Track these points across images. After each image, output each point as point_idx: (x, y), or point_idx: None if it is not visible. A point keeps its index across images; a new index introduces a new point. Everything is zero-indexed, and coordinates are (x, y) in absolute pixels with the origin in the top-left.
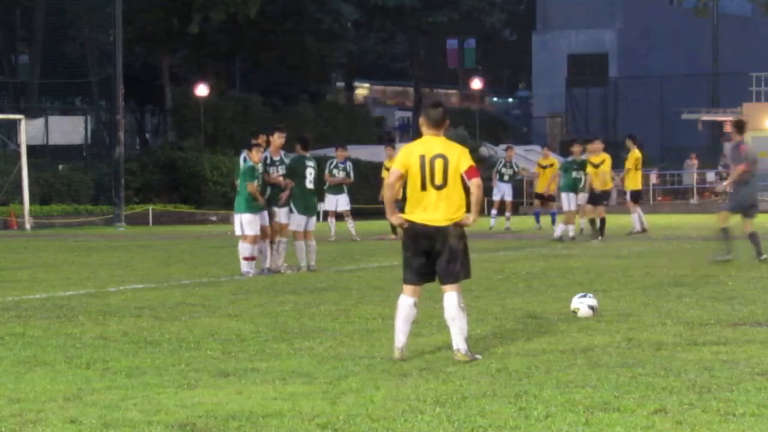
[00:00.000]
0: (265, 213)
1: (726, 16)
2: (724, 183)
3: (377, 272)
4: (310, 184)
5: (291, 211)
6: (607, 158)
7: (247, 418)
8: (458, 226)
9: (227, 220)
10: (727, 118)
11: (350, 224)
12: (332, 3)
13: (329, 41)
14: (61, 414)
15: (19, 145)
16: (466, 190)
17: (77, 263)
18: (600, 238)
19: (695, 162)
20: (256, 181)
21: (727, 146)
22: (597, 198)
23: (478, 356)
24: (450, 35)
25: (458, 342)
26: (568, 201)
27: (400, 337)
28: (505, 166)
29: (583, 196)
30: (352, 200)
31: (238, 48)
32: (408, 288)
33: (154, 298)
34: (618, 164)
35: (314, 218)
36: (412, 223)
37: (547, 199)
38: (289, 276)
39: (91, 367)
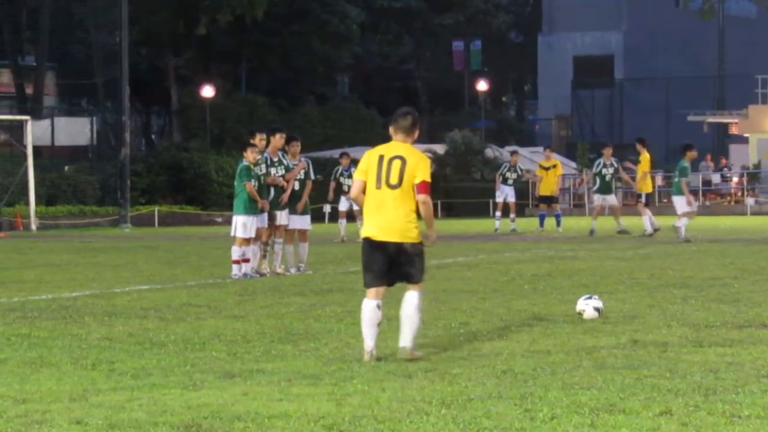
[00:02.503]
0: (264, 215)
1: (732, 18)
2: None
3: None
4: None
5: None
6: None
7: (252, 419)
8: (416, 244)
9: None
10: (732, 120)
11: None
12: (338, 5)
13: (335, 43)
14: (67, 415)
15: (25, 146)
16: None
17: (83, 264)
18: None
19: (711, 164)
20: (253, 181)
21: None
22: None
23: (419, 353)
24: (456, 37)
25: (406, 340)
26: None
27: (368, 341)
28: (509, 170)
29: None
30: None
31: (244, 49)
32: (370, 291)
33: (160, 300)
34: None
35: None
36: (368, 239)
37: (551, 201)
38: (294, 277)
39: (97, 368)
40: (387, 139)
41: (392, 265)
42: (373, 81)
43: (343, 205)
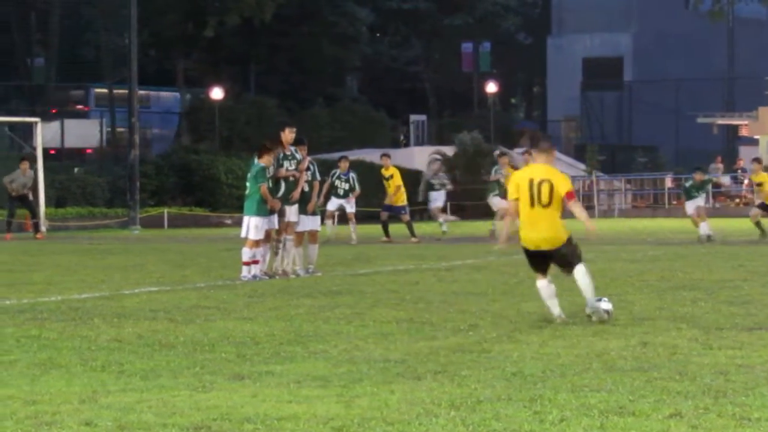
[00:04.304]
0: (274, 217)
1: (741, 19)
2: None
3: (392, 275)
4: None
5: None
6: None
7: (261, 421)
8: (566, 242)
9: (241, 223)
10: (742, 122)
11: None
12: (347, 6)
13: (344, 45)
14: (77, 416)
15: (34, 148)
16: None
17: (92, 266)
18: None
19: (721, 165)
20: (267, 182)
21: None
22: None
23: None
24: (465, 39)
25: (591, 301)
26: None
27: (555, 310)
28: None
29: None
30: (366, 203)
31: (253, 51)
32: (539, 275)
33: (169, 301)
34: (632, 168)
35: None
36: (527, 250)
37: None
38: (303, 279)
39: (106, 370)
40: (394, 141)
41: (551, 260)
42: (381, 83)
43: (331, 206)
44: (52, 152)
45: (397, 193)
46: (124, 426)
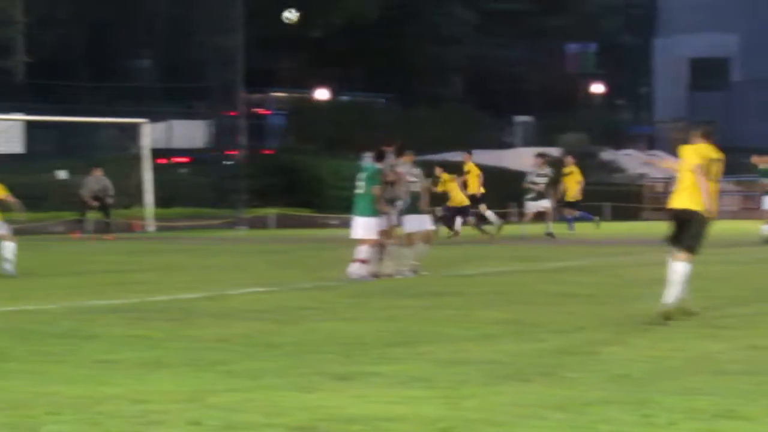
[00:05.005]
0: (384, 218)
1: None
2: None
3: (497, 277)
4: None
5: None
6: None
7: (367, 422)
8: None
9: (347, 224)
10: None
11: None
12: (451, 7)
13: (448, 45)
14: (184, 416)
15: (141, 149)
16: None
17: (199, 266)
18: None
19: None
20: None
21: None
22: None
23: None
24: (568, 40)
25: (667, 297)
26: None
27: (674, 295)
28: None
29: None
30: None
31: (358, 52)
32: (674, 253)
33: (275, 302)
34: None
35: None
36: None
37: (567, 206)
38: (409, 280)
39: (213, 370)
40: (501, 141)
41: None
42: (486, 83)
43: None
44: (184, 159)
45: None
46: (231, 426)
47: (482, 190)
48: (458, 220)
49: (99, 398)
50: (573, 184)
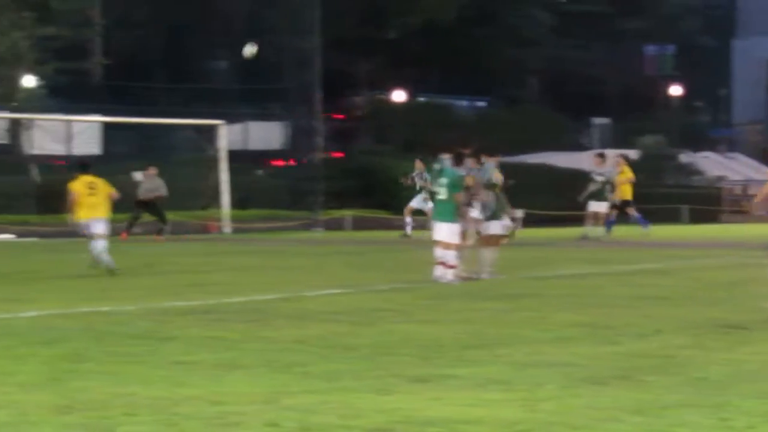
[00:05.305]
0: (465, 223)
1: None
2: None
3: (573, 280)
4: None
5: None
6: None
7: (444, 425)
8: None
9: (423, 227)
10: None
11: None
12: (528, 9)
13: (525, 47)
14: (260, 417)
15: (218, 151)
16: None
17: (275, 268)
18: None
19: None
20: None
21: None
22: None
23: None
24: (646, 41)
25: None
26: None
27: None
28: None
29: None
30: (547, 206)
31: (435, 53)
32: None
33: (351, 303)
34: None
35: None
36: None
37: (626, 205)
38: (486, 282)
39: (289, 371)
40: (578, 143)
41: None
42: (563, 85)
43: (416, 203)
44: (280, 162)
45: None
46: (307, 427)
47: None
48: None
49: (176, 399)
50: (626, 185)
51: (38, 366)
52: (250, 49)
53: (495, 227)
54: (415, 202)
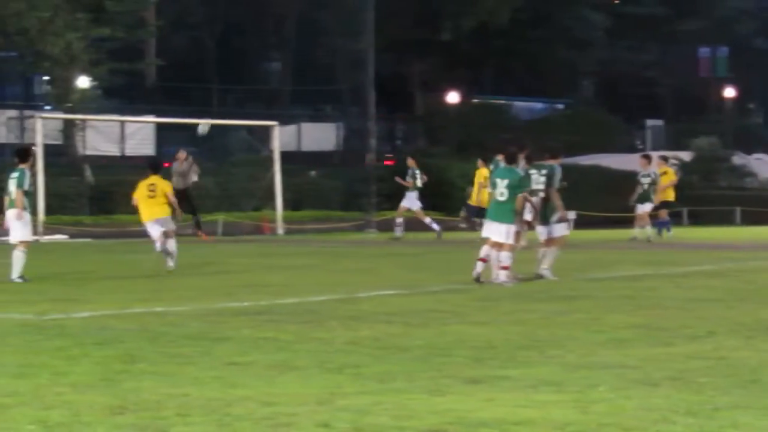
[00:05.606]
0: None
1: None
2: None
3: (627, 281)
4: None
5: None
6: None
7: (497, 426)
8: None
9: (475, 228)
10: None
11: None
12: (582, 11)
13: (579, 49)
14: (313, 418)
15: (271, 152)
16: None
17: (328, 269)
18: None
19: None
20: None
21: None
22: None
23: None
24: (701, 44)
25: None
26: None
27: None
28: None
29: None
30: (602, 208)
31: (488, 55)
32: None
33: (404, 305)
34: None
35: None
36: None
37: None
38: (538, 284)
39: (342, 372)
40: (631, 145)
41: None
42: (617, 87)
43: (407, 203)
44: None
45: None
46: (360, 428)
47: None
48: None
49: (228, 400)
50: (669, 187)
51: (91, 366)
52: (203, 128)
53: (561, 229)
54: (407, 202)
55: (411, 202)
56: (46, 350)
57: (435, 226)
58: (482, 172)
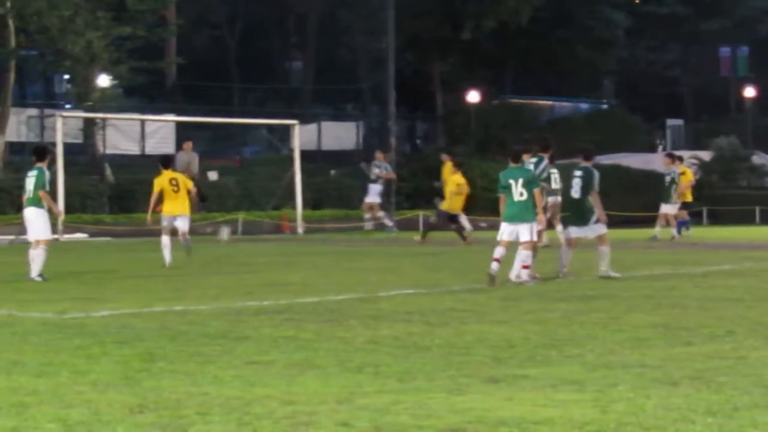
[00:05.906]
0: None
1: None
2: None
3: (647, 281)
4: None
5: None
6: None
7: (517, 425)
8: None
9: (495, 227)
10: None
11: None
12: (603, 10)
13: (600, 48)
14: (333, 417)
15: (292, 150)
16: None
17: (348, 268)
18: None
19: None
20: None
21: None
22: None
23: None
24: (722, 43)
25: None
26: None
27: None
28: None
29: None
30: (622, 208)
31: (509, 55)
32: None
33: (424, 304)
34: None
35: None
36: None
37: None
38: (557, 283)
39: (363, 371)
40: (652, 144)
41: None
42: (638, 86)
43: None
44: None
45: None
46: (379, 427)
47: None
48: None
49: (248, 399)
50: (687, 188)
51: (111, 365)
52: (212, 175)
53: (601, 228)
54: (371, 197)
55: (373, 195)
56: (66, 349)
57: (389, 221)
58: (455, 179)
